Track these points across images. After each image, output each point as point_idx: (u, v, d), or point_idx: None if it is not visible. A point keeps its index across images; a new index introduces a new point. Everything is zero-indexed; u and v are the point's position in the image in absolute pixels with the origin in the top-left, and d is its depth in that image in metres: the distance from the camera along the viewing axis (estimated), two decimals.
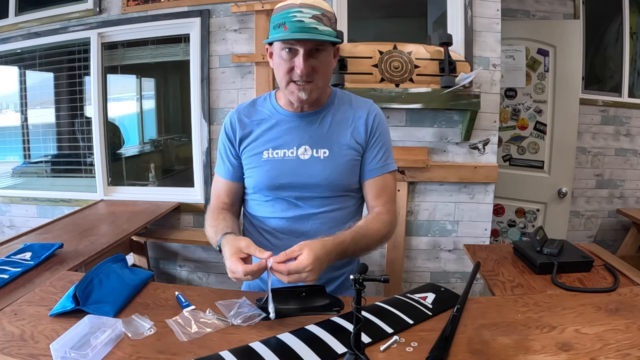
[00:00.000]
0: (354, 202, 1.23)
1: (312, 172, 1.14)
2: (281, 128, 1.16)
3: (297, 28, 0.98)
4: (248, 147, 1.18)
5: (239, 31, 2.54)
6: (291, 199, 1.17)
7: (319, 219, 1.17)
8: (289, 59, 1.04)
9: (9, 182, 3.21)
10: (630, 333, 0.89)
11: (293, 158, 1.14)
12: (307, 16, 0.98)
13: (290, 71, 1.05)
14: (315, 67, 1.05)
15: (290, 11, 0.99)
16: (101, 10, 2.71)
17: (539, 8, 3.02)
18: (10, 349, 0.86)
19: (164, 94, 3.54)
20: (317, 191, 1.15)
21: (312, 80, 1.06)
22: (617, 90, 3.17)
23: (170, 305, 1.05)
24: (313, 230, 1.16)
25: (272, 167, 1.15)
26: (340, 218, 1.18)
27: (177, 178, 3.34)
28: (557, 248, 1.39)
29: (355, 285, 0.75)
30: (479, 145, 2.35)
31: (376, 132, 1.18)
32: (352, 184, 1.19)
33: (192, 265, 2.86)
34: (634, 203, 3.28)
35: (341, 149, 1.15)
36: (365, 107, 1.20)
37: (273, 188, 1.16)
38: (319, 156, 1.14)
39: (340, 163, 1.15)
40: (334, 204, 1.17)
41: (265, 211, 1.20)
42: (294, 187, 1.15)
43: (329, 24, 1.02)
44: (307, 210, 1.17)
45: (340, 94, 1.22)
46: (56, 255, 1.71)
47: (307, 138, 1.15)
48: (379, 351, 0.85)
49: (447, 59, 2.19)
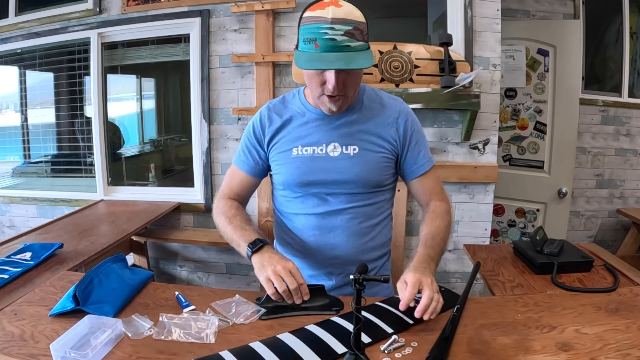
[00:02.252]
0: (385, 196, 1.24)
1: (341, 169, 1.14)
2: (310, 125, 1.17)
3: (328, 47, 0.96)
4: (277, 144, 1.19)
5: (239, 31, 2.54)
6: (321, 195, 1.17)
7: (349, 214, 1.18)
8: (320, 73, 1.03)
9: (9, 182, 3.21)
10: (630, 333, 0.89)
11: (322, 155, 1.15)
12: (339, 33, 0.95)
13: (322, 84, 1.04)
14: (346, 81, 1.04)
15: (321, 27, 0.96)
16: (101, 10, 2.71)
17: (539, 8, 3.02)
18: (10, 349, 0.86)
19: (164, 94, 3.54)
20: (347, 187, 1.16)
21: (343, 94, 1.06)
22: (617, 90, 3.16)
23: (170, 305, 1.06)
24: (343, 225, 1.17)
25: (301, 164, 1.15)
26: (371, 212, 1.20)
27: (177, 178, 3.34)
28: (557, 248, 1.39)
29: (355, 285, 0.75)
30: (479, 145, 2.35)
31: (412, 131, 1.19)
32: (383, 180, 1.20)
33: (192, 265, 2.86)
34: (634, 203, 3.28)
35: (371, 146, 1.16)
36: (396, 106, 1.21)
37: (302, 185, 1.17)
38: (349, 153, 1.15)
39: (370, 160, 1.16)
40: (364, 199, 1.18)
41: (294, 207, 1.21)
42: (324, 183, 1.16)
43: (361, 37, 0.99)
44: (337, 206, 1.17)
45: (369, 92, 1.22)
46: (56, 255, 1.71)
47: (336, 135, 1.16)
48: (379, 351, 0.85)
49: (447, 59, 2.19)
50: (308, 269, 1.23)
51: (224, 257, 2.78)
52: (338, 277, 1.21)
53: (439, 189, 1.25)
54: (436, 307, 0.92)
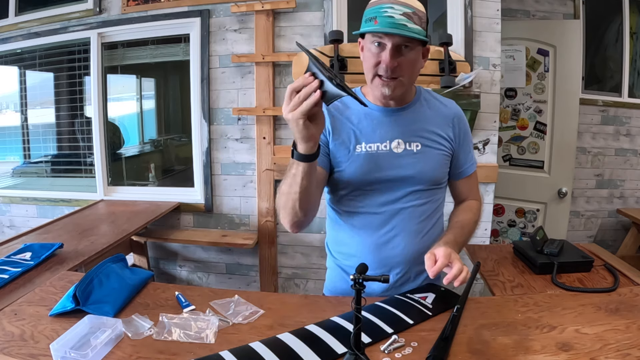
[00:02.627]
0: (441, 194, 1.25)
1: (406, 164, 1.14)
2: (372, 122, 1.16)
3: (386, 23, 1.00)
4: (338, 142, 1.17)
5: (239, 31, 2.54)
6: (384, 192, 1.17)
7: (409, 212, 1.18)
8: (377, 53, 1.04)
9: (9, 182, 3.21)
10: (630, 333, 0.89)
11: (387, 151, 1.15)
12: (397, 12, 0.99)
13: (377, 65, 1.05)
14: (401, 63, 1.04)
15: (382, 6, 1.01)
16: (101, 10, 2.71)
17: (539, 8, 3.02)
18: (10, 349, 0.86)
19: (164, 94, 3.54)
20: (409, 183, 1.16)
21: (396, 77, 1.06)
22: (617, 90, 3.16)
23: (170, 305, 1.06)
24: (402, 224, 1.17)
25: (366, 161, 1.14)
26: (429, 212, 1.21)
27: (177, 178, 3.34)
28: (557, 248, 1.39)
29: (355, 285, 0.75)
30: (479, 145, 2.35)
31: (464, 132, 1.22)
32: (442, 177, 1.21)
33: (192, 265, 2.86)
34: (634, 203, 3.28)
35: (433, 143, 1.17)
36: (452, 107, 1.23)
37: (367, 182, 1.16)
38: (412, 149, 1.15)
39: (432, 156, 1.17)
40: (423, 197, 1.19)
41: (353, 206, 1.19)
42: (388, 180, 1.15)
43: (419, 23, 1.02)
44: (398, 205, 1.17)
45: (425, 93, 1.23)
46: (56, 255, 1.71)
47: (399, 132, 1.16)
48: (379, 351, 0.85)
49: (447, 59, 2.19)
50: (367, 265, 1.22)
51: (224, 257, 2.78)
52: (396, 276, 1.20)
53: (476, 189, 1.31)
54: (465, 277, 0.96)
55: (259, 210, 2.63)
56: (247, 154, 2.62)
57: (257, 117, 2.53)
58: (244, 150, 2.62)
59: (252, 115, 2.55)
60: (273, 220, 2.62)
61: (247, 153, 2.62)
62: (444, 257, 0.98)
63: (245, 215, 2.69)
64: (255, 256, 2.72)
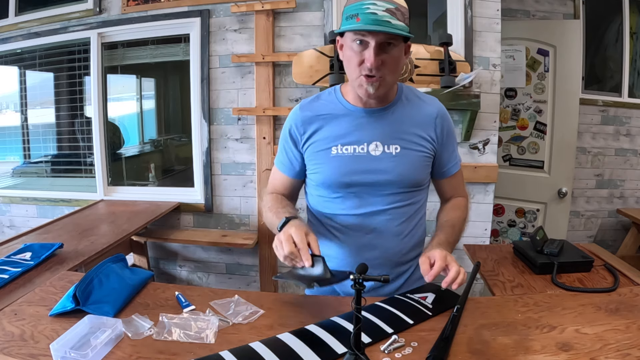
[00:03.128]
0: (422, 195, 1.24)
1: (384, 168, 1.13)
2: (350, 124, 1.14)
3: (369, 20, 0.97)
4: (314, 143, 1.16)
5: (239, 31, 2.54)
6: (362, 195, 1.15)
7: (390, 214, 1.16)
8: (360, 52, 1.02)
9: (9, 182, 3.21)
10: (630, 333, 0.89)
11: (364, 154, 1.13)
12: (380, 9, 0.97)
13: (360, 64, 1.03)
14: (385, 61, 1.03)
15: (364, 3, 0.98)
16: (101, 10, 2.71)
17: (539, 8, 3.02)
18: (10, 349, 0.86)
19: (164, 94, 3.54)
20: (389, 187, 1.14)
21: (381, 75, 1.04)
22: (617, 90, 3.17)
23: (170, 305, 1.06)
24: (383, 226, 1.16)
25: (341, 164, 1.13)
26: (410, 213, 1.19)
27: (177, 178, 3.34)
28: (557, 248, 1.39)
29: (355, 285, 0.75)
30: (479, 145, 2.35)
31: (447, 131, 1.20)
32: (423, 179, 1.19)
33: (192, 265, 2.86)
34: (634, 203, 3.28)
35: (413, 145, 1.15)
36: (434, 104, 1.20)
37: (343, 185, 1.14)
38: (391, 152, 1.13)
39: (412, 159, 1.14)
40: (404, 199, 1.17)
41: (334, 208, 1.19)
42: (366, 183, 1.14)
43: (402, 19, 1.01)
44: (378, 207, 1.15)
45: (407, 90, 1.21)
46: (56, 255, 1.71)
47: (377, 134, 1.13)
48: (379, 351, 0.85)
49: (447, 59, 2.19)
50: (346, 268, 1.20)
51: (224, 257, 2.78)
52: None
53: (462, 186, 1.29)
54: (463, 279, 0.96)
55: (259, 210, 2.63)
56: (247, 154, 2.62)
57: (257, 117, 2.53)
58: (244, 150, 2.62)
59: (252, 115, 2.55)
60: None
61: (247, 153, 2.62)
62: (440, 260, 0.98)
63: (245, 215, 2.69)
64: (255, 256, 2.72)
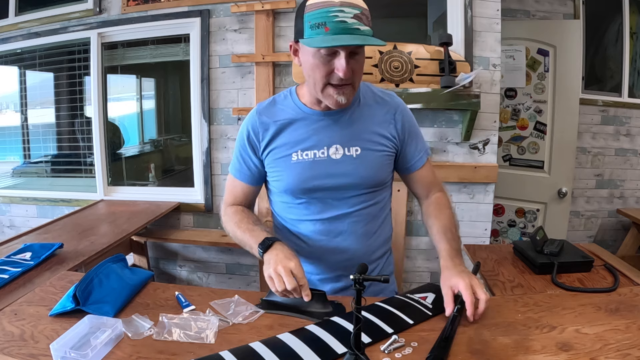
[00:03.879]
0: (386, 193, 1.23)
1: (345, 171, 1.11)
2: (308, 128, 1.12)
3: (340, 29, 0.93)
4: (274, 150, 1.14)
5: (239, 31, 2.54)
6: (326, 200, 1.14)
7: (355, 216, 1.16)
8: (328, 62, 0.99)
9: (9, 182, 3.21)
10: (630, 333, 0.89)
11: (324, 158, 1.11)
12: (348, 16, 0.93)
13: (329, 74, 1.01)
14: (354, 68, 1.01)
15: (330, 10, 0.93)
16: (101, 10, 2.71)
17: (539, 8, 3.02)
18: (10, 349, 0.86)
19: (164, 94, 3.54)
20: (352, 190, 1.13)
21: (350, 83, 1.03)
22: (617, 90, 3.16)
23: (170, 305, 1.06)
24: (350, 229, 1.16)
25: (303, 169, 1.11)
26: (375, 213, 1.19)
27: (177, 178, 3.34)
28: (557, 248, 1.39)
29: (355, 286, 0.75)
30: (479, 145, 2.35)
31: (408, 125, 1.18)
32: (385, 178, 1.18)
33: (192, 265, 2.86)
34: (634, 203, 3.28)
35: (373, 144, 1.14)
36: (392, 102, 1.19)
37: (306, 190, 1.13)
38: (351, 154, 1.12)
39: (372, 159, 1.13)
40: (368, 200, 1.16)
41: (298, 214, 1.18)
42: (329, 188, 1.12)
43: (368, 23, 0.98)
44: (343, 210, 1.15)
45: (364, 88, 1.19)
46: (56, 255, 1.71)
47: (337, 137, 1.12)
48: (379, 351, 0.85)
49: (447, 59, 2.19)
50: (315, 273, 1.21)
51: (224, 257, 2.78)
52: (347, 279, 1.18)
53: (436, 180, 1.25)
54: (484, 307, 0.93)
55: (259, 210, 2.63)
56: None
57: None
58: None
59: None
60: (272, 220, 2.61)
61: None
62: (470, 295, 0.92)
63: None
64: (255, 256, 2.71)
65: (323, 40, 0.94)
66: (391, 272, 1.32)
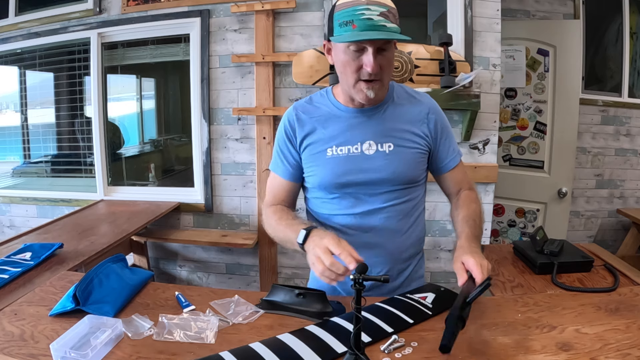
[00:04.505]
0: (420, 192, 1.24)
1: (378, 166, 1.13)
2: (343, 125, 1.15)
3: (366, 26, 0.98)
4: (310, 146, 1.17)
5: (239, 31, 2.54)
6: (358, 195, 1.16)
7: (387, 212, 1.17)
8: (357, 58, 1.03)
9: (9, 182, 3.21)
10: (630, 333, 0.89)
11: (358, 154, 1.14)
12: (375, 14, 0.98)
13: (359, 69, 1.04)
14: (382, 64, 1.04)
15: (357, 8, 0.98)
16: (101, 10, 2.71)
17: (539, 8, 3.02)
18: (10, 349, 0.86)
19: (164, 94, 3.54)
20: (384, 185, 1.15)
21: (379, 78, 1.06)
22: (617, 90, 3.16)
23: (170, 305, 1.06)
24: (381, 225, 1.16)
25: (337, 164, 1.14)
26: (407, 210, 1.19)
27: (177, 178, 3.34)
28: (557, 248, 1.39)
29: (355, 285, 0.75)
30: (479, 145, 2.35)
31: (441, 125, 1.20)
32: (418, 175, 1.19)
33: (192, 265, 2.86)
34: (634, 203, 3.28)
35: (406, 142, 1.15)
36: (425, 101, 1.21)
37: (339, 185, 1.15)
38: (384, 150, 1.14)
39: (405, 156, 1.15)
40: (401, 196, 1.17)
41: (331, 208, 1.19)
42: (361, 183, 1.14)
43: (394, 20, 1.01)
44: (375, 205, 1.16)
45: (398, 88, 1.21)
46: (56, 255, 1.71)
47: (370, 133, 1.14)
48: (379, 351, 0.85)
49: (447, 59, 2.19)
50: None
51: (224, 257, 2.78)
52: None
53: (467, 179, 1.27)
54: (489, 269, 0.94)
55: (259, 210, 2.63)
56: (247, 154, 2.62)
57: (257, 117, 2.53)
58: (244, 150, 2.62)
59: (252, 115, 2.55)
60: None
61: (247, 153, 2.62)
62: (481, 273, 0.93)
63: (245, 215, 2.69)
64: (255, 256, 2.72)
65: (350, 36, 0.99)
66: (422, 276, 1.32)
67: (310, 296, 1.03)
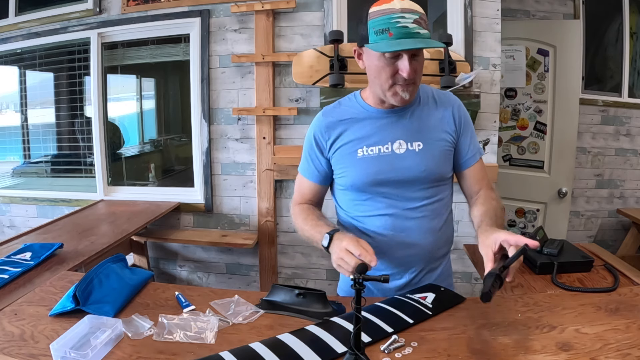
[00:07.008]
0: (448, 191, 1.26)
1: (409, 165, 1.15)
2: (373, 125, 1.18)
3: (402, 34, 1.00)
4: (340, 148, 1.19)
5: (239, 31, 2.54)
6: (391, 195, 1.17)
7: (420, 212, 1.18)
8: (392, 64, 1.06)
9: (9, 182, 3.21)
10: (630, 333, 0.89)
11: (389, 153, 1.15)
12: (409, 21, 1.00)
13: (394, 75, 1.07)
14: (416, 68, 1.07)
15: (392, 16, 1.01)
16: (101, 10, 2.71)
17: (539, 8, 3.02)
18: (10, 349, 0.86)
19: (164, 94, 3.54)
20: (415, 184, 1.17)
21: (414, 82, 1.09)
22: (617, 90, 3.16)
23: (170, 305, 1.06)
24: (415, 225, 1.18)
25: (368, 165, 1.16)
26: (439, 209, 1.21)
27: (177, 178, 3.34)
28: (557, 248, 1.40)
29: (355, 285, 0.75)
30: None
31: (464, 119, 1.22)
32: (447, 172, 1.22)
33: (192, 265, 2.86)
34: (634, 203, 3.28)
35: (434, 140, 1.17)
36: (450, 99, 1.24)
37: (372, 185, 1.16)
38: (414, 149, 1.16)
39: (435, 153, 1.17)
40: (432, 195, 1.19)
41: (364, 210, 1.20)
42: (393, 182, 1.16)
43: (426, 27, 1.04)
44: (408, 205, 1.17)
45: (423, 89, 1.24)
46: (56, 255, 1.71)
47: (400, 133, 1.17)
48: (379, 351, 0.85)
49: (447, 59, 2.19)
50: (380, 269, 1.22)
51: (224, 257, 2.78)
52: (411, 275, 1.21)
53: (487, 178, 1.28)
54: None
55: (259, 210, 2.63)
56: (247, 154, 2.62)
57: (257, 117, 2.53)
58: (244, 150, 2.62)
59: (252, 115, 2.55)
60: (273, 220, 2.62)
61: (247, 153, 2.62)
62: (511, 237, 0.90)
63: (245, 215, 2.69)
64: (255, 256, 2.72)
65: (388, 45, 1.01)
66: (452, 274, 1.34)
67: (310, 296, 1.03)
